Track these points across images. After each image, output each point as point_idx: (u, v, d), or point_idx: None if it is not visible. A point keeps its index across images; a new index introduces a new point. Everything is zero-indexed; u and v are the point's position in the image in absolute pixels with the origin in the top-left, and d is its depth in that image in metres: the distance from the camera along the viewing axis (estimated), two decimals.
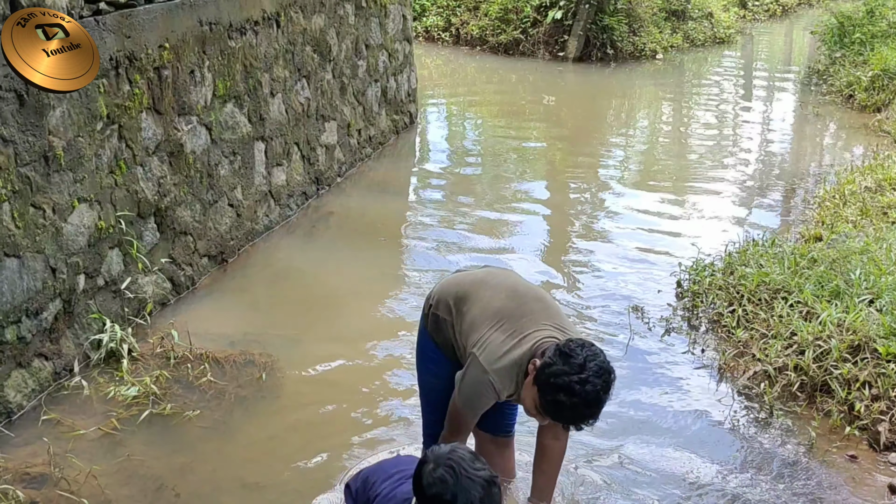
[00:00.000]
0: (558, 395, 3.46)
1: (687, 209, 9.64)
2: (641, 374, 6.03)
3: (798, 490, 4.82)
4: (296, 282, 7.41)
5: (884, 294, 5.96)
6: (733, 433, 5.36)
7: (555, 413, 3.54)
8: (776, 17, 25.87)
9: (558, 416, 3.55)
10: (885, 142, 11.51)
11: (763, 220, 9.23)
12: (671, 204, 9.80)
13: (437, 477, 2.86)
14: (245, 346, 6.16)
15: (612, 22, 18.22)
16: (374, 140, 10.95)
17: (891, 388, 5.20)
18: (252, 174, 7.82)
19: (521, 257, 7.99)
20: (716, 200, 9.92)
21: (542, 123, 13.96)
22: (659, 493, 4.77)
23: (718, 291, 6.76)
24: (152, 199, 6.37)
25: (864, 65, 14.83)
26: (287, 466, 4.95)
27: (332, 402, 5.62)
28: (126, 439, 5.09)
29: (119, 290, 6.01)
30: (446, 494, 2.83)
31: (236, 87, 7.45)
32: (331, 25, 9.40)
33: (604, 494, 4.74)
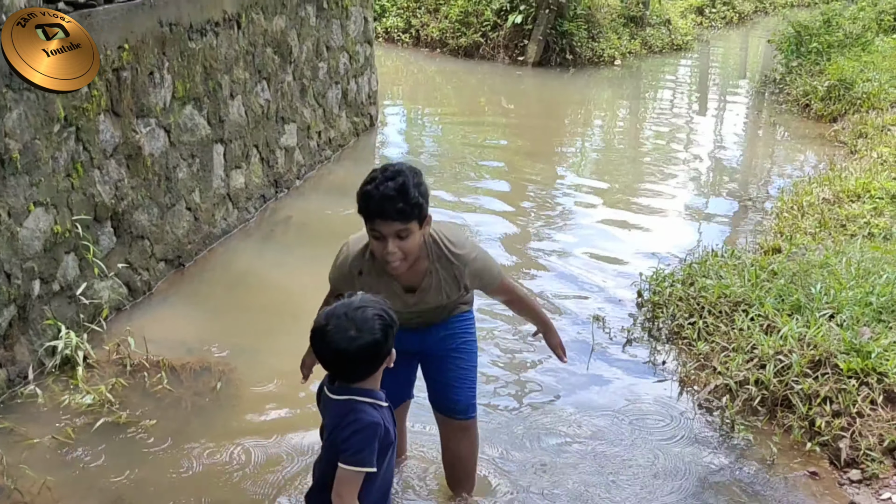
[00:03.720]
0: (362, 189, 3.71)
1: (643, 216, 9.65)
2: (603, 386, 6.02)
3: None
4: (254, 287, 7.32)
5: (844, 309, 5.99)
6: (694, 448, 5.33)
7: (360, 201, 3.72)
8: (733, 24, 26.12)
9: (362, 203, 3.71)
10: (841, 152, 11.61)
11: (720, 229, 9.29)
12: (627, 211, 9.80)
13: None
14: (202, 354, 6.08)
15: (572, 27, 18.28)
16: (335, 142, 10.87)
17: (851, 405, 5.21)
18: (210, 177, 7.71)
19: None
20: (672, 208, 9.97)
21: (502, 127, 13.95)
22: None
23: (679, 303, 6.76)
24: (109, 203, 6.25)
25: (820, 74, 14.98)
26: (246, 477, 4.86)
27: (290, 409, 5.54)
28: (81, 449, 4.97)
29: (75, 296, 5.88)
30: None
31: (196, 88, 7.34)
32: (292, 27, 9.31)
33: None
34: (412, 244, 3.73)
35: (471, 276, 4.04)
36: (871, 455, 4.98)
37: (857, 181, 9.15)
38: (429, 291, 4.02)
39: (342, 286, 3.95)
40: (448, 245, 3.97)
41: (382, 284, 3.92)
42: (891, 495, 4.75)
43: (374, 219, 3.66)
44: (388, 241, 3.66)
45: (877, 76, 13.97)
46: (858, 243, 7.26)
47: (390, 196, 3.60)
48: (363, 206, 3.68)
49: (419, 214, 3.69)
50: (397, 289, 3.99)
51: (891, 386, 5.22)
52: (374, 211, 3.64)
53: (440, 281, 3.99)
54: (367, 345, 3.13)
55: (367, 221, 3.70)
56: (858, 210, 8.38)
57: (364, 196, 3.67)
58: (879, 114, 12.57)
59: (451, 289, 4.04)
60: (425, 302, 4.06)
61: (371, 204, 3.64)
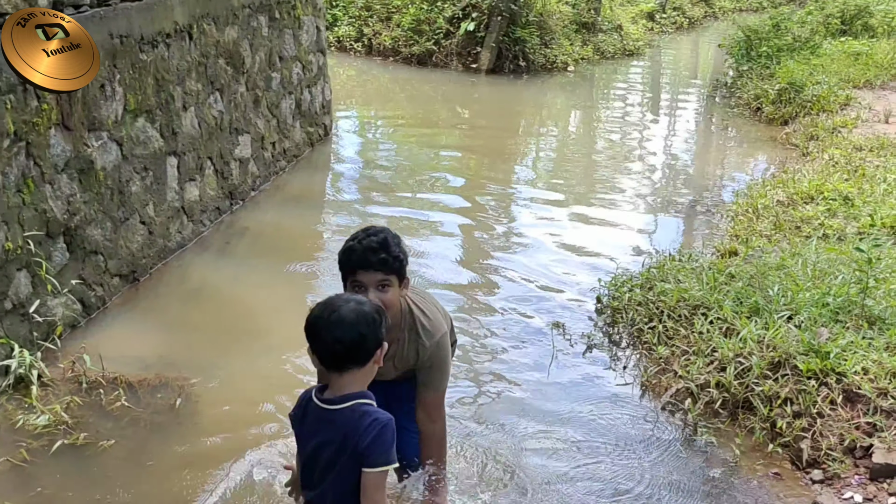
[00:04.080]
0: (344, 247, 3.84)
1: (597, 221, 9.74)
2: (564, 392, 6.03)
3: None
4: (211, 300, 7.24)
5: (802, 310, 6.04)
6: (658, 452, 5.35)
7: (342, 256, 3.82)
8: (683, 29, 26.39)
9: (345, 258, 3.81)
10: (793, 154, 11.74)
11: (675, 234, 9.37)
12: (581, 216, 9.89)
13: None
14: (160, 370, 5.97)
15: (525, 34, 18.36)
16: (289, 153, 10.80)
17: (812, 405, 5.25)
18: (164, 190, 7.62)
19: (435, 272, 7.92)
20: (626, 214, 10.05)
21: (456, 135, 13.97)
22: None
23: (638, 307, 6.78)
24: (62, 219, 6.14)
25: (770, 78, 15.18)
26: (206, 498, 4.78)
27: (251, 426, 5.46)
28: (37, 472, 4.86)
29: (27, 313, 5.77)
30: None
31: (148, 101, 7.25)
32: (244, 37, 9.24)
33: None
34: (392, 297, 3.79)
35: (429, 357, 4.05)
36: (832, 455, 5.02)
37: (810, 183, 9.25)
38: (394, 360, 4.03)
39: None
40: (421, 318, 4.02)
41: None
42: (852, 494, 4.79)
43: (356, 270, 3.75)
44: (370, 291, 3.72)
45: (825, 79, 14.17)
46: (813, 245, 7.32)
47: (373, 247, 3.73)
48: (345, 260, 3.79)
49: (399, 269, 3.80)
50: None
51: (850, 386, 5.27)
52: (356, 262, 3.74)
53: (404, 352, 4.03)
54: (368, 321, 3.20)
55: (350, 276, 3.79)
56: (812, 212, 8.48)
57: (347, 251, 3.79)
58: (829, 116, 12.75)
59: (408, 363, 4.07)
60: (390, 370, 4.04)
61: (353, 256, 3.75)
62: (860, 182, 9.25)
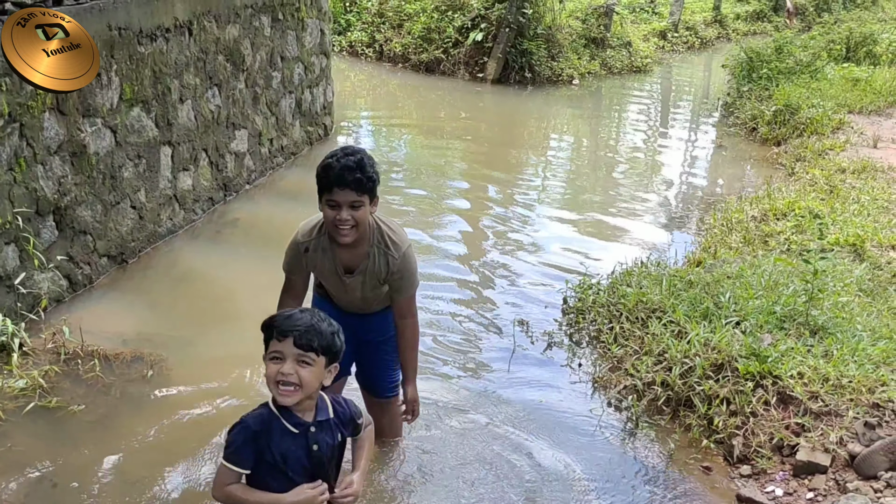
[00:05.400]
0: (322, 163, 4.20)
1: (585, 229, 10.02)
2: (519, 385, 6.29)
3: (656, 499, 5.11)
4: (195, 285, 7.55)
5: (750, 317, 6.30)
6: (599, 443, 5.62)
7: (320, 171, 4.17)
8: (695, 49, 26.58)
9: (322, 174, 4.16)
10: (780, 174, 11.97)
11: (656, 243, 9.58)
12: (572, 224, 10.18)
13: None
14: (137, 345, 6.30)
15: (532, 46, 18.67)
16: (287, 150, 11.11)
17: (747, 405, 5.52)
18: (157, 177, 7.94)
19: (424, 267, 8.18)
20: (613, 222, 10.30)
21: (459, 141, 14.23)
22: (525, 498, 5.03)
23: (600, 309, 7.06)
24: (52, 198, 6.48)
25: (768, 99, 15.40)
26: (170, 462, 5.05)
27: (220, 399, 5.74)
28: (10, 430, 5.18)
29: (13, 285, 6.11)
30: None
31: (144, 91, 7.58)
32: (245, 36, 9.57)
33: (465, 498, 4.98)
34: (363, 215, 4.19)
35: (398, 269, 4.43)
36: (761, 452, 5.29)
37: (785, 201, 9.51)
38: (364, 274, 4.43)
39: (293, 267, 4.54)
40: (389, 233, 4.42)
41: (326, 262, 4.45)
42: (774, 488, 5.06)
43: (332, 188, 4.12)
44: (343, 209, 4.13)
45: (821, 103, 14.39)
46: (772, 257, 7.58)
47: (350, 167, 4.08)
48: (323, 176, 4.13)
49: (372, 189, 4.19)
50: (338, 268, 4.45)
51: (784, 388, 5.53)
52: (333, 179, 4.10)
53: (374, 265, 4.41)
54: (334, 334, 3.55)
55: (325, 192, 4.16)
56: (781, 227, 8.73)
57: (325, 168, 4.14)
58: (820, 138, 12.98)
59: (380, 275, 4.44)
60: (358, 285, 4.48)
61: (331, 173, 4.10)
62: (832, 202, 9.51)
